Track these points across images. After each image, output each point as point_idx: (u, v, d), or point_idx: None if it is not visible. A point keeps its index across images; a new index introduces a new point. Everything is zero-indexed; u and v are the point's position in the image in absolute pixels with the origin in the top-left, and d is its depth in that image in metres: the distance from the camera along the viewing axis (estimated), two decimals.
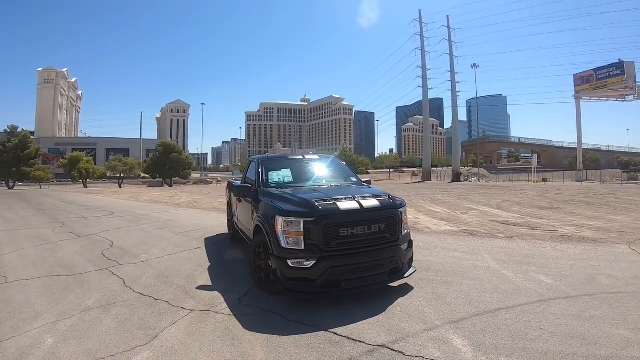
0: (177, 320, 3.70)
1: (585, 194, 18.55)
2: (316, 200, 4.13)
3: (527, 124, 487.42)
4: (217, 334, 3.39)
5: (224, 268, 5.67)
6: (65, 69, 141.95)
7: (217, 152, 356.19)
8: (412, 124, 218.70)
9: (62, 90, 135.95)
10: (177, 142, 72.26)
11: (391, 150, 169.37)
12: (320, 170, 6.04)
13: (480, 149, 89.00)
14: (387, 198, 4.50)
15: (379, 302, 3.99)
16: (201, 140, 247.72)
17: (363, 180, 5.95)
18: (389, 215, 4.25)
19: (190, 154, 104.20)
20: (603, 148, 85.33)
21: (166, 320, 3.71)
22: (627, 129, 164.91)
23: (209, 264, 5.93)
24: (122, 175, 57.84)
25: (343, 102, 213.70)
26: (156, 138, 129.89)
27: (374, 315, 3.66)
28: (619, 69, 45.05)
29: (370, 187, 5.44)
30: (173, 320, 3.70)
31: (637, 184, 32.38)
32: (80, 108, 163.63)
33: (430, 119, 64.56)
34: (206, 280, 5.07)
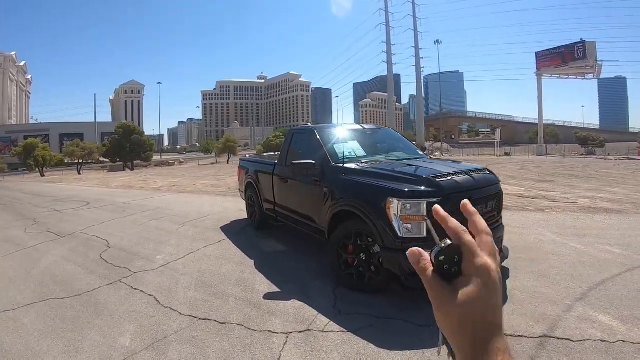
0: (279, 352, 2.72)
1: (563, 167, 19.42)
2: (433, 177, 3.49)
3: (482, 100, 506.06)
4: None
5: (271, 265, 4.70)
6: (13, 52, 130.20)
7: (173, 133, 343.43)
8: (369, 99, 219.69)
9: (10, 74, 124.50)
10: (133, 124, 68.53)
11: None
12: (389, 141, 5.46)
13: (442, 124, 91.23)
14: (488, 172, 4.05)
15: None
16: (158, 121, 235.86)
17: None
18: (498, 191, 3.90)
19: (147, 135, 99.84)
20: (558, 123, 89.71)
21: (262, 355, 2.69)
22: (583, 106, 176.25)
23: (251, 261, 4.87)
24: (80, 161, 54.44)
25: (300, 79, 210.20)
26: (110, 121, 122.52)
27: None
28: (580, 48, 47.04)
29: (456, 161, 4.87)
30: (273, 354, 2.70)
31: (596, 157, 34.44)
32: (30, 93, 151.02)
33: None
34: (266, 285, 4.03)
